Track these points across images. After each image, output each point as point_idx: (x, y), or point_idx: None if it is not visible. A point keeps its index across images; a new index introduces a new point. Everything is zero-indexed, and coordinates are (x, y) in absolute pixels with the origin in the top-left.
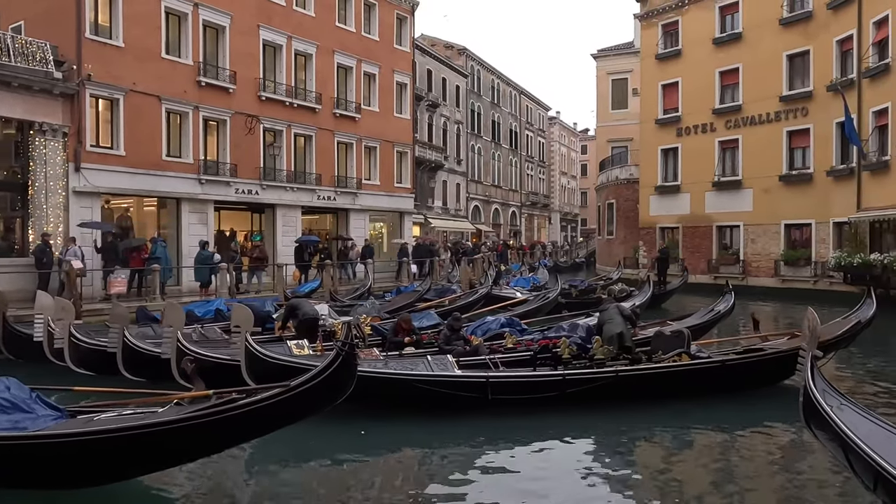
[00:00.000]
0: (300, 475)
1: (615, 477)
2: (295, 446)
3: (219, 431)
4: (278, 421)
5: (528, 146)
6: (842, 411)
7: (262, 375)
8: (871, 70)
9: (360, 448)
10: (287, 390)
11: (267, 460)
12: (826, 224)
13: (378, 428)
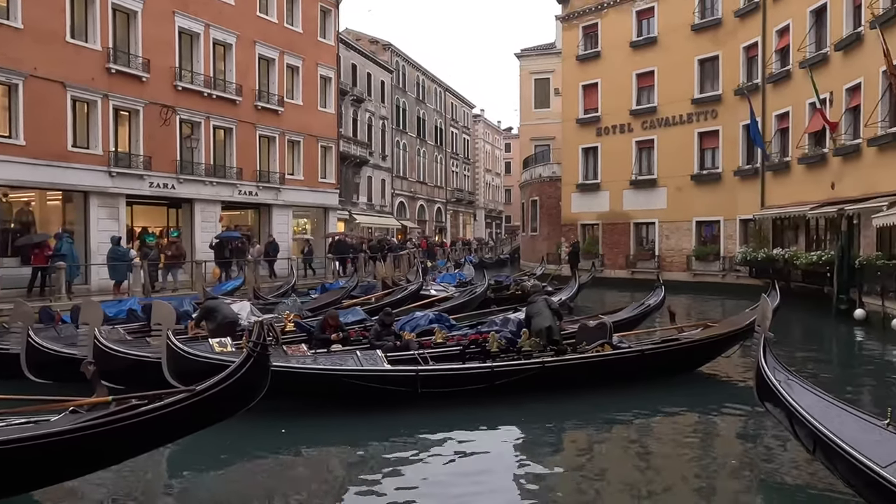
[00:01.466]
0: (219, 478)
1: (542, 464)
2: (212, 448)
3: (117, 441)
4: (185, 427)
5: (454, 143)
6: (789, 386)
7: (185, 374)
8: (774, 76)
9: (281, 447)
10: (193, 395)
11: (184, 463)
12: (733, 221)
13: (299, 426)
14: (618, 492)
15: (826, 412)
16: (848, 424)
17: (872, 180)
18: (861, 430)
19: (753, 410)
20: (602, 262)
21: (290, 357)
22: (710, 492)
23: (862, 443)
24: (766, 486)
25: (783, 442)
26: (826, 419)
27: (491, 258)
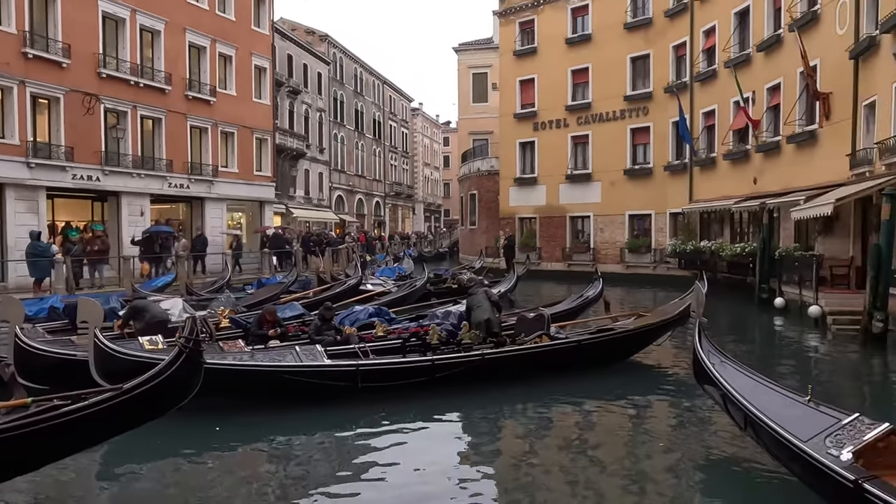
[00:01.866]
0: (150, 479)
1: (483, 455)
2: (142, 449)
3: (37, 445)
4: (113, 428)
5: (392, 136)
6: (723, 367)
7: (114, 374)
8: (701, 74)
9: (215, 445)
10: (120, 394)
11: (113, 465)
12: (664, 215)
13: (234, 424)
14: (558, 478)
15: (755, 391)
16: (774, 402)
17: (791, 176)
18: (785, 406)
19: (685, 393)
20: (539, 255)
21: (227, 353)
22: (649, 471)
23: (786, 418)
24: (701, 463)
25: (715, 421)
26: (755, 397)
27: (430, 252)
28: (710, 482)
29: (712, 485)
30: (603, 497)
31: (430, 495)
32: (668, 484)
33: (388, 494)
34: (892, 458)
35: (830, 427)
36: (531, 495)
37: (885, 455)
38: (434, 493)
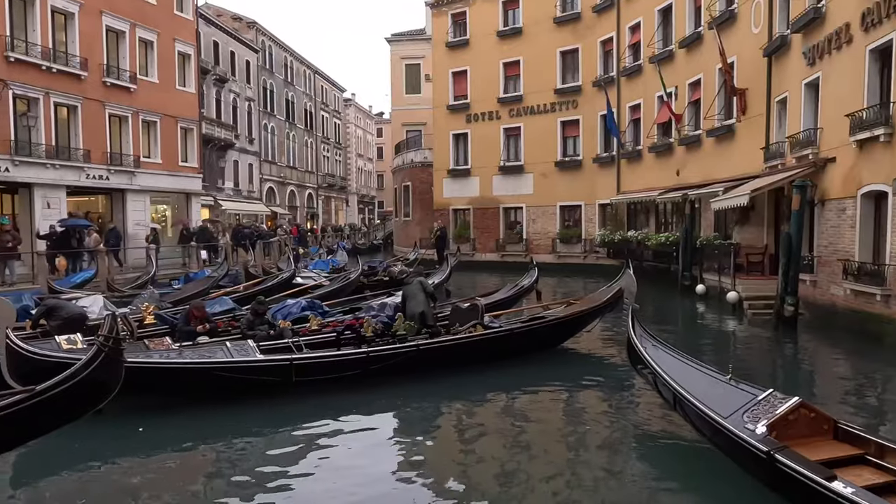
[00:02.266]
0: (67, 486)
1: (419, 445)
2: (58, 453)
3: None
4: (25, 432)
5: (324, 127)
6: (654, 350)
7: (28, 375)
8: (627, 69)
9: (139, 447)
10: (32, 396)
11: (27, 471)
12: (593, 205)
13: (160, 424)
14: (495, 465)
15: (682, 371)
16: (699, 381)
17: (711, 168)
18: (709, 385)
19: (616, 376)
20: (473, 246)
21: (153, 352)
22: (584, 451)
23: (709, 396)
24: (633, 440)
25: (645, 401)
26: (682, 377)
27: (364, 244)
28: (641, 457)
29: (644, 459)
30: (541, 479)
31: (366, 489)
32: (602, 461)
33: (324, 489)
34: (801, 429)
35: (747, 403)
36: (470, 483)
37: (795, 426)
38: (371, 487)
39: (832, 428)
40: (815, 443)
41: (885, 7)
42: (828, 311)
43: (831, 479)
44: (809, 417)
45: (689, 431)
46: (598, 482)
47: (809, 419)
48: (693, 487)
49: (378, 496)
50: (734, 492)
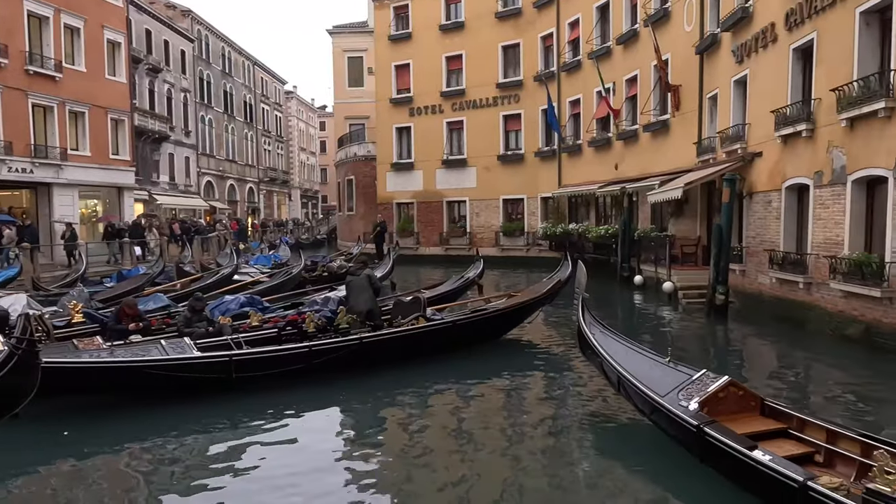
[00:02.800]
0: None
1: (362, 440)
2: None
3: None
4: None
5: (265, 120)
6: (602, 336)
7: None
8: (567, 65)
9: (65, 452)
10: None
11: None
12: (535, 199)
13: (86, 426)
14: (440, 455)
15: (626, 356)
16: (642, 364)
17: (647, 162)
18: (650, 367)
19: (558, 364)
20: (417, 240)
21: (82, 352)
22: (529, 437)
23: (650, 377)
24: (577, 424)
25: (588, 386)
26: (626, 361)
27: (308, 239)
28: (585, 439)
29: (587, 441)
30: (487, 466)
31: (309, 485)
32: (547, 445)
33: (266, 487)
34: (730, 406)
35: (683, 382)
36: (416, 475)
37: (724, 403)
38: (314, 483)
39: (759, 405)
40: (743, 418)
41: (806, 8)
42: (756, 299)
43: (752, 449)
44: (738, 395)
45: (631, 412)
46: (544, 465)
47: (738, 396)
48: (633, 464)
49: (322, 492)
50: (670, 465)
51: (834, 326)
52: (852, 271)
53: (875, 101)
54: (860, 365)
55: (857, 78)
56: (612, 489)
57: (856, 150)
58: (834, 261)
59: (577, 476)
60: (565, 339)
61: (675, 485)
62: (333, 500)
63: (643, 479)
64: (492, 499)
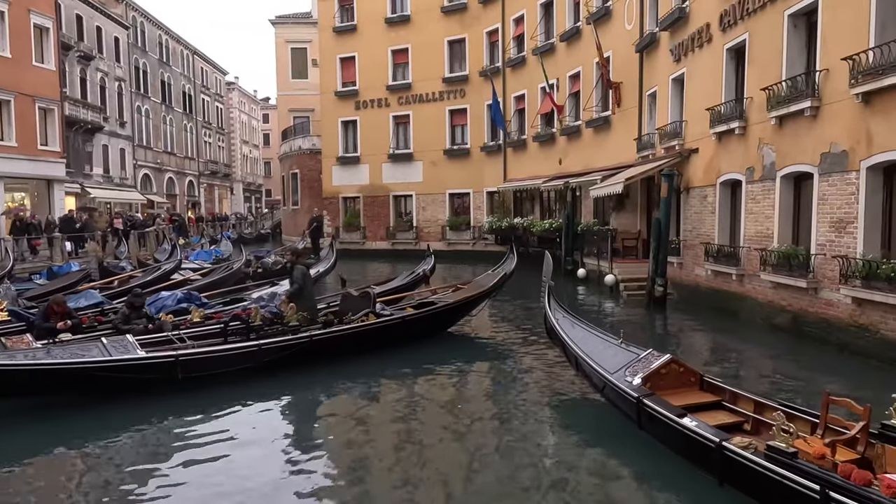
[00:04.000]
0: None
1: (314, 438)
2: None
3: None
4: None
5: (206, 111)
6: (564, 320)
7: None
8: (512, 60)
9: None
10: None
11: None
12: (481, 193)
13: (15, 429)
14: (391, 449)
15: (585, 338)
16: (597, 345)
17: (590, 157)
18: (604, 348)
19: (505, 354)
20: (364, 235)
21: (14, 351)
22: (480, 421)
23: (603, 357)
24: (532, 405)
25: (535, 374)
26: (583, 342)
27: (251, 233)
28: (538, 416)
29: (542, 419)
30: (441, 456)
31: (256, 484)
32: (500, 425)
33: (212, 486)
34: (671, 381)
35: (631, 361)
36: (368, 468)
37: (666, 378)
38: (262, 482)
39: (698, 380)
40: (683, 392)
41: (739, 9)
42: (693, 291)
43: (682, 416)
44: (679, 371)
45: (584, 391)
46: (497, 445)
47: (679, 373)
48: (585, 437)
49: (270, 491)
50: (616, 434)
51: (764, 316)
52: (781, 263)
53: (802, 100)
54: (786, 350)
55: (786, 78)
56: (560, 457)
57: (784, 147)
58: (764, 253)
59: (529, 450)
60: (510, 331)
61: (619, 450)
62: (282, 496)
63: (590, 447)
64: (449, 479)
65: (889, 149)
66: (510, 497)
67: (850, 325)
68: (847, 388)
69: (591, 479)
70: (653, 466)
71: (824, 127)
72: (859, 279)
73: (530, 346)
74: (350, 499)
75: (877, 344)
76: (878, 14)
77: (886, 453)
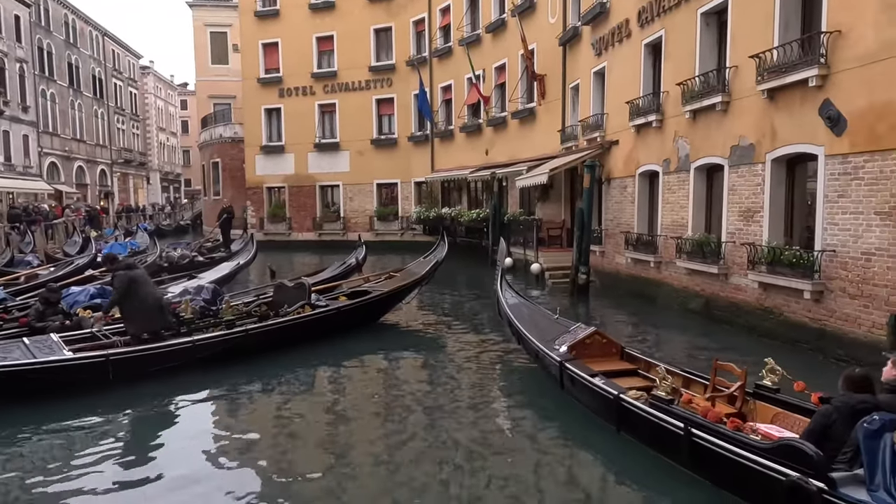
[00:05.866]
0: None
1: (249, 432)
2: None
3: None
4: None
5: (118, 97)
6: (513, 299)
7: None
8: (438, 50)
9: None
10: None
11: None
12: (409, 183)
13: None
14: (330, 439)
15: (527, 314)
16: (538, 320)
17: (516, 148)
18: (542, 322)
19: (439, 340)
20: (290, 226)
21: None
22: (416, 400)
23: (539, 330)
24: (474, 379)
25: (472, 352)
26: (525, 318)
27: (170, 225)
28: (477, 386)
29: (479, 388)
30: (384, 445)
31: (189, 483)
32: (441, 404)
33: (140, 486)
34: (594, 351)
35: (562, 333)
36: (302, 461)
37: (590, 348)
38: (196, 481)
39: (619, 351)
40: (605, 360)
41: (656, 6)
42: (614, 278)
43: (593, 376)
44: (602, 343)
45: (520, 363)
46: (438, 416)
47: (602, 344)
48: (515, 399)
49: (201, 491)
50: (543, 396)
51: (680, 301)
52: (695, 251)
53: (713, 95)
54: (698, 332)
55: (699, 74)
56: (490, 419)
57: (698, 140)
58: (679, 241)
59: (463, 417)
60: (440, 317)
61: (542, 409)
62: (213, 495)
63: (518, 407)
64: (384, 461)
65: (791, 142)
66: (445, 462)
67: (757, 308)
68: (746, 362)
69: (514, 435)
70: (569, 420)
71: (734, 121)
72: (765, 265)
73: (461, 332)
74: (283, 491)
75: (780, 325)
76: (781, 14)
77: (757, 408)
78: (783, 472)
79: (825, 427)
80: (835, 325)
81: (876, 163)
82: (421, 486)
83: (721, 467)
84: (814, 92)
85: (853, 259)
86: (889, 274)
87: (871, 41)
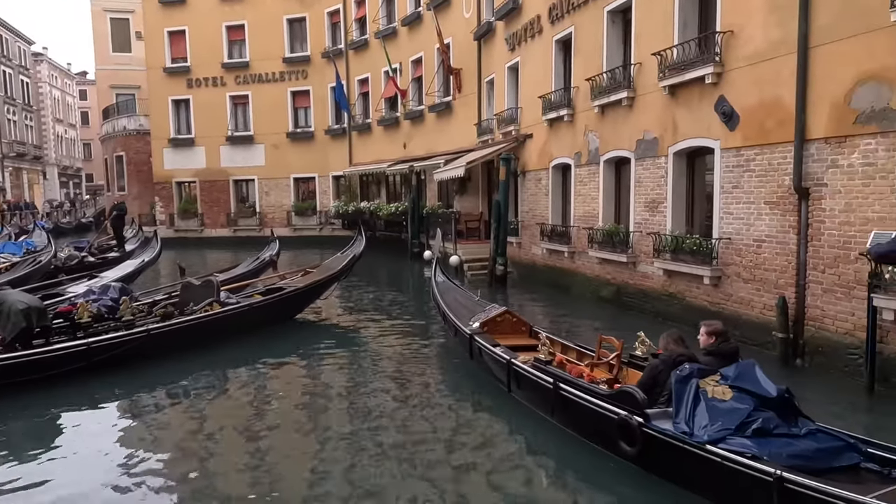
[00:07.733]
0: None
1: (154, 437)
2: None
3: None
4: None
5: (8, 86)
6: (443, 284)
7: None
8: (354, 43)
9: None
10: None
11: None
12: (327, 177)
13: None
14: (242, 444)
15: (452, 296)
16: (462, 302)
17: (433, 142)
18: (465, 304)
19: (357, 335)
20: (202, 222)
21: None
22: (340, 395)
23: (460, 310)
24: (392, 362)
25: (391, 340)
26: (450, 300)
27: (70, 223)
28: (395, 367)
29: (397, 368)
30: (298, 445)
31: (87, 495)
32: (361, 394)
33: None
34: (505, 328)
35: (479, 312)
36: (212, 472)
37: (501, 326)
38: (93, 493)
39: (528, 329)
40: (514, 337)
41: (565, 4)
42: (531, 269)
43: (496, 346)
44: (512, 321)
45: (444, 341)
46: (361, 405)
47: (512, 322)
48: (429, 373)
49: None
50: (455, 368)
51: (592, 289)
52: (605, 240)
53: (620, 91)
54: (608, 318)
55: (606, 70)
56: (403, 389)
57: (606, 133)
58: (591, 231)
59: (379, 398)
60: (358, 311)
61: (452, 378)
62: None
63: (430, 378)
64: (300, 459)
65: (691, 136)
66: (369, 440)
67: (663, 294)
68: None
69: (426, 402)
70: (474, 385)
71: (639, 116)
72: (669, 253)
73: (381, 323)
74: (188, 498)
75: (684, 309)
76: (680, 14)
77: (629, 374)
78: (616, 412)
79: (653, 377)
80: (731, 307)
81: (765, 156)
82: (343, 470)
83: (578, 415)
84: (710, 89)
85: (746, 246)
86: (777, 259)
87: (760, 41)
